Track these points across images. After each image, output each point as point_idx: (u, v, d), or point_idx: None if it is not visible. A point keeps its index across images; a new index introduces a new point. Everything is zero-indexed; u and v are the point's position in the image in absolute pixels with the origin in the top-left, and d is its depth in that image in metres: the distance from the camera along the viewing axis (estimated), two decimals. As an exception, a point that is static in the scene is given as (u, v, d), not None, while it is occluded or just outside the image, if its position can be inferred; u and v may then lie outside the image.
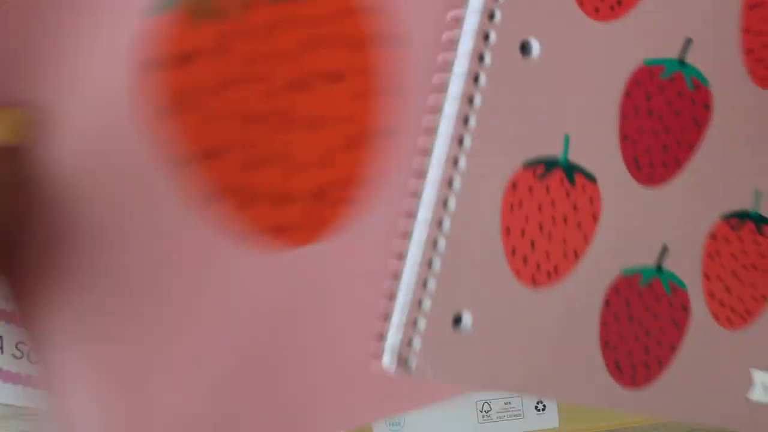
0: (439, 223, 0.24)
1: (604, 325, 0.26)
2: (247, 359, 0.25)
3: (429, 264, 0.24)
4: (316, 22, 0.24)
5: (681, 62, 0.26)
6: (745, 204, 0.27)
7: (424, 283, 0.24)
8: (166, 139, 0.23)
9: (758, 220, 0.28)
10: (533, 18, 0.24)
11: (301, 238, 0.25)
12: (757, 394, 0.28)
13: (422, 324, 0.24)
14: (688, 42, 0.25)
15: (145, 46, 0.22)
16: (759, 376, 0.28)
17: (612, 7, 0.24)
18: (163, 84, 0.23)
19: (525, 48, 0.24)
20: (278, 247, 0.25)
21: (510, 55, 0.24)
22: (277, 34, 0.23)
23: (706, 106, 0.26)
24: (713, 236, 0.27)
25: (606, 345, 0.26)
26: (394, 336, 0.24)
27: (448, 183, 0.24)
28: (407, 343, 0.24)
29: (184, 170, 0.23)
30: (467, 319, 0.24)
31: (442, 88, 0.24)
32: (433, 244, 0.24)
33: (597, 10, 0.24)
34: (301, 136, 0.24)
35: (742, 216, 0.27)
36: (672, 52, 0.25)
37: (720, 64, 0.26)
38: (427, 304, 0.24)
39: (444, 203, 0.24)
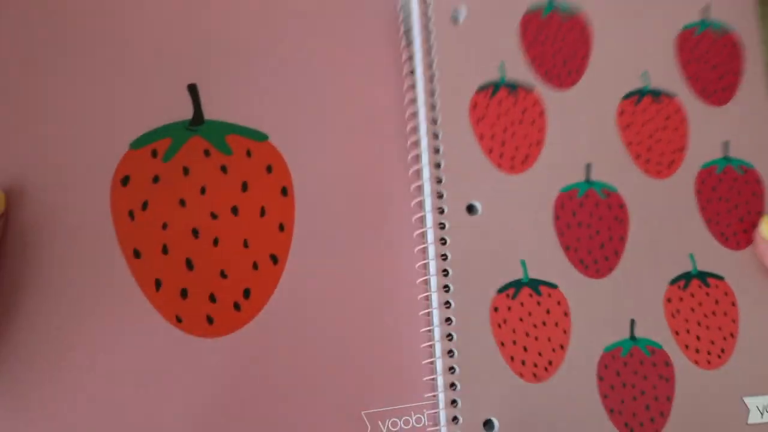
0: (450, 353, 0.31)
1: (605, 396, 0.32)
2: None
3: (451, 386, 0.31)
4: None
5: (588, 181, 0.34)
6: (685, 267, 0.34)
7: (453, 403, 0.30)
8: (126, 235, 0.31)
9: (700, 276, 0.34)
10: (470, 185, 0.32)
11: (227, 328, 0.31)
12: (754, 418, 0.32)
13: (460, 436, 0.30)
14: (589, 166, 0.34)
15: (123, 167, 0.31)
16: (752, 401, 0.33)
17: (523, 161, 0.33)
18: (127, 195, 0.31)
19: (471, 209, 0.32)
20: (209, 335, 0.31)
21: (461, 216, 0.32)
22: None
23: (621, 206, 0.34)
24: (669, 300, 0.33)
25: (612, 412, 0.32)
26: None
27: (446, 320, 0.31)
28: (453, 455, 0.30)
29: (140, 263, 0.31)
30: (494, 422, 0.30)
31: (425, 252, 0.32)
32: (450, 370, 0.31)
33: (512, 167, 0.33)
34: (233, 251, 0.32)
35: (687, 276, 0.34)
36: (579, 177, 0.34)
37: (619, 173, 0.34)
38: (460, 419, 0.30)
39: (448, 336, 0.31)
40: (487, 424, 0.31)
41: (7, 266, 0.29)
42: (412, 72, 0.34)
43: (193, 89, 0.33)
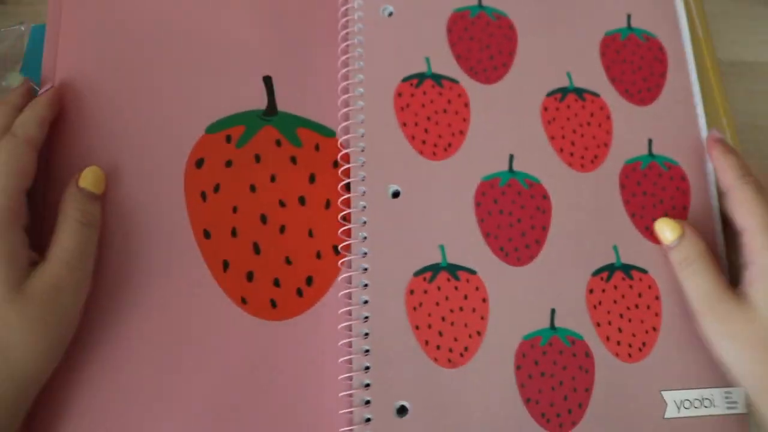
0: (366, 335, 0.30)
1: (522, 386, 0.31)
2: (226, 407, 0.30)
3: (366, 369, 0.30)
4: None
5: (511, 171, 0.34)
6: (609, 259, 0.34)
7: (366, 386, 0.30)
8: (198, 216, 0.32)
9: (624, 268, 0.34)
10: (393, 170, 0.33)
11: (289, 313, 0.32)
12: (671, 412, 0.31)
13: (372, 419, 0.29)
14: (512, 156, 0.34)
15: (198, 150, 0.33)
16: (670, 396, 0.32)
17: (445, 149, 0.34)
18: (201, 177, 0.33)
19: (392, 193, 0.33)
20: (272, 318, 0.32)
21: (382, 199, 0.32)
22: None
23: (544, 196, 0.34)
24: (591, 291, 0.33)
25: (528, 402, 0.31)
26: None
27: (363, 301, 0.31)
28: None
29: (209, 243, 0.32)
30: (407, 407, 0.30)
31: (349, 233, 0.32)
32: (364, 352, 0.30)
33: (434, 153, 0.34)
34: (298, 239, 0.33)
35: (610, 268, 0.34)
36: (502, 167, 0.34)
37: (542, 164, 0.35)
38: (372, 402, 0.29)
39: (364, 318, 0.31)
40: (401, 409, 0.30)
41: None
42: (347, 62, 0.35)
43: (268, 81, 0.35)
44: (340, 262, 0.32)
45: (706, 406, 0.32)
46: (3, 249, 0.27)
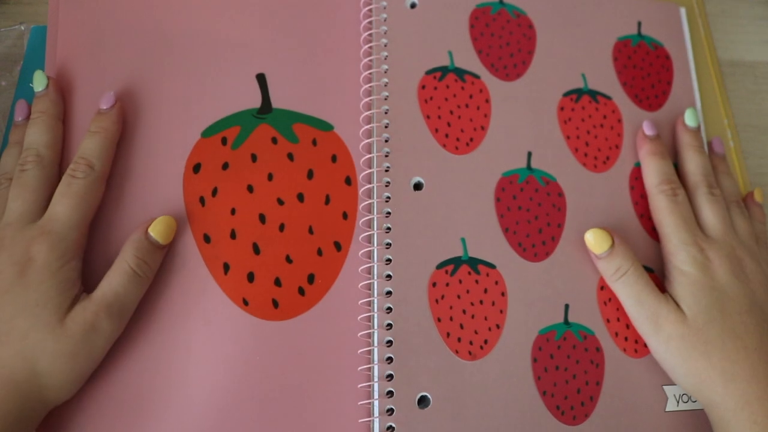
0: (389, 326, 0.30)
1: (538, 378, 0.32)
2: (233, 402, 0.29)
3: (389, 360, 0.30)
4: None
5: (529, 168, 0.35)
6: (617, 258, 0.35)
7: (388, 377, 0.30)
8: (198, 221, 0.31)
9: (631, 267, 0.35)
10: (417, 162, 0.33)
11: (292, 312, 0.31)
12: (671, 406, 0.33)
13: (395, 411, 0.29)
14: (530, 154, 0.35)
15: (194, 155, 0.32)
16: (671, 390, 0.33)
17: (467, 143, 0.34)
18: (199, 182, 0.32)
19: (415, 185, 0.33)
20: (275, 318, 0.31)
21: (406, 190, 0.32)
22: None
23: (560, 194, 0.35)
24: (602, 287, 0.34)
25: (545, 394, 0.32)
26: (377, 428, 0.29)
27: (386, 293, 0.31)
28: (388, 430, 0.29)
29: (209, 247, 0.31)
30: (428, 398, 0.30)
31: (369, 224, 0.32)
32: (386, 343, 0.30)
33: (457, 147, 0.34)
34: (298, 237, 0.32)
35: (619, 268, 0.35)
36: (521, 164, 0.35)
37: (558, 163, 0.35)
38: (395, 393, 0.29)
39: (386, 310, 0.31)
40: (422, 400, 0.30)
41: (88, 245, 0.30)
42: (369, 52, 0.34)
43: (261, 78, 0.34)
44: (361, 252, 0.32)
45: (700, 400, 0.34)
46: (62, 278, 0.27)
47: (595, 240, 0.33)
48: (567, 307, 0.33)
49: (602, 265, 0.33)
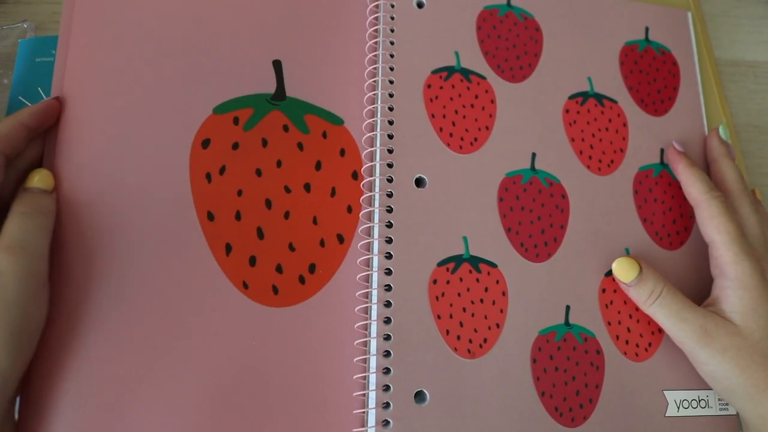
0: (387, 320, 0.30)
1: (537, 379, 0.32)
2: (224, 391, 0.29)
3: (386, 354, 0.30)
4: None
5: (533, 169, 0.35)
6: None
7: (386, 371, 0.30)
8: (202, 197, 0.31)
9: (634, 271, 0.35)
10: (420, 159, 0.33)
11: (291, 300, 0.31)
12: (671, 411, 0.33)
13: (392, 405, 0.29)
14: (534, 155, 0.35)
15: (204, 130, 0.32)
16: (671, 396, 0.33)
17: (471, 143, 0.34)
18: (207, 158, 0.32)
19: (418, 182, 0.33)
20: (273, 304, 0.31)
21: (409, 187, 0.32)
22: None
23: (563, 196, 0.35)
24: (603, 290, 0.34)
25: (543, 395, 0.31)
26: (372, 420, 0.29)
27: (385, 287, 0.31)
28: (383, 423, 0.29)
29: (213, 225, 0.31)
30: (426, 394, 0.30)
31: (371, 217, 0.32)
32: (384, 337, 0.30)
33: (461, 146, 0.34)
34: (302, 226, 0.32)
35: (621, 271, 0.35)
36: (525, 164, 0.35)
37: (562, 164, 0.35)
38: (392, 387, 0.29)
39: (385, 304, 0.31)
40: (419, 395, 0.30)
41: (89, 214, 0.30)
42: (375, 49, 0.35)
43: (277, 65, 0.34)
44: (360, 244, 0.32)
45: (702, 407, 0.34)
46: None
47: (622, 269, 0.33)
48: (568, 308, 0.33)
49: (634, 293, 0.33)
